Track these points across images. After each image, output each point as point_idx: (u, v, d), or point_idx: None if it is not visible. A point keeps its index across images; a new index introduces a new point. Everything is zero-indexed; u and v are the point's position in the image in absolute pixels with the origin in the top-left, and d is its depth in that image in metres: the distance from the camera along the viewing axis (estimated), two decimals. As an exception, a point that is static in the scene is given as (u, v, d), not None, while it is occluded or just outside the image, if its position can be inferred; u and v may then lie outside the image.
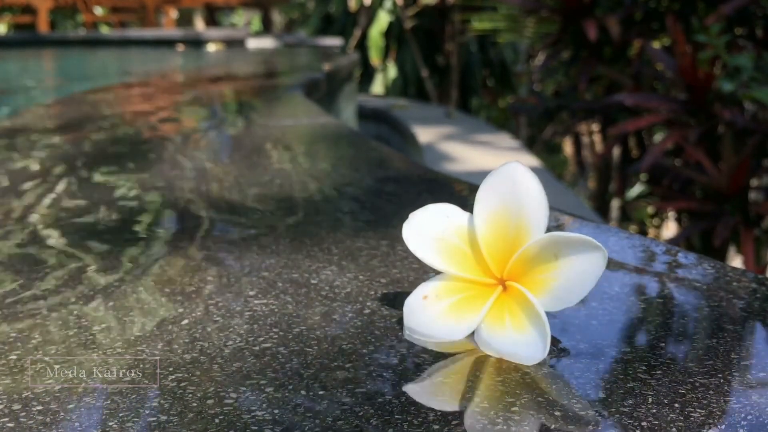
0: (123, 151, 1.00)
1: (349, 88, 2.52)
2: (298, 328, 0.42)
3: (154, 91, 1.79)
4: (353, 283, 0.48)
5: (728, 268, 0.51)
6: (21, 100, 1.88)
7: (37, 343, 0.40)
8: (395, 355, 0.38)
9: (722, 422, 0.32)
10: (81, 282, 0.50)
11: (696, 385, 0.35)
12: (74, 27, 6.42)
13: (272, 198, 0.71)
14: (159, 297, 0.47)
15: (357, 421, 0.32)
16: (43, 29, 5.22)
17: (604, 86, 2.55)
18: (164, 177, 0.81)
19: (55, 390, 0.36)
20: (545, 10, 2.50)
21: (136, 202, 0.72)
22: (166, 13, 5.93)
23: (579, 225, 0.62)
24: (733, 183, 1.77)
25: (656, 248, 0.57)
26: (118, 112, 1.40)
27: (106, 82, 2.00)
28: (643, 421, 0.32)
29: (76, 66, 3.08)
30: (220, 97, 1.65)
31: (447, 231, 0.42)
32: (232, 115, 1.39)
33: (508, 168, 0.41)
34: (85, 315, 0.44)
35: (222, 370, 0.37)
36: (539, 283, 0.39)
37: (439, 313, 0.40)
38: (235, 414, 0.33)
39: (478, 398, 0.35)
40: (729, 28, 2.08)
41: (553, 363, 0.37)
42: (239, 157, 0.92)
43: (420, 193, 0.73)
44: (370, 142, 1.06)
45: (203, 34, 4.23)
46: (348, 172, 0.84)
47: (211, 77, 2.18)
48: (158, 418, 0.33)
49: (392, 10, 4.71)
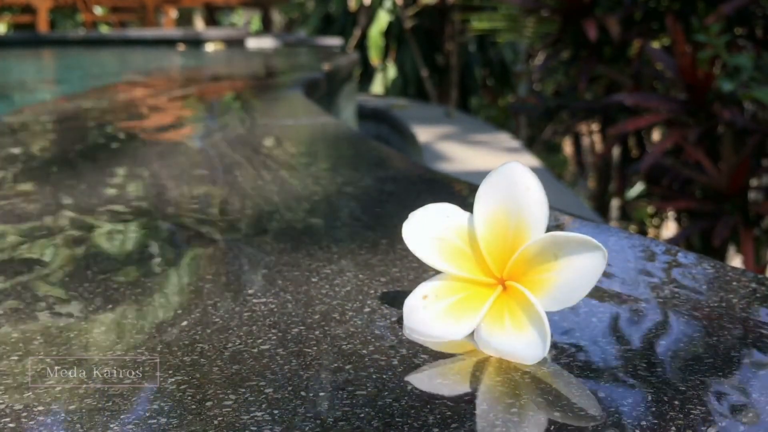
0: (120, 149, 1.00)
1: (348, 87, 2.52)
2: (297, 328, 0.42)
3: (153, 90, 1.79)
4: (353, 282, 0.48)
5: (728, 267, 0.51)
6: (27, 98, 1.89)
7: (38, 344, 0.40)
8: (395, 355, 0.38)
9: (722, 420, 0.32)
10: (81, 284, 0.50)
11: (696, 384, 0.35)
12: (74, 26, 6.42)
13: (271, 197, 0.71)
14: (158, 298, 0.47)
15: (358, 422, 0.32)
16: (43, 29, 5.22)
17: (604, 86, 2.55)
18: (162, 177, 0.81)
19: (56, 391, 0.36)
20: (545, 9, 2.50)
21: (134, 202, 0.72)
22: (166, 13, 5.93)
23: (579, 225, 0.62)
24: (732, 183, 1.77)
25: (656, 248, 0.57)
26: (117, 110, 1.40)
27: (105, 81, 1.99)
28: (642, 419, 0.32)
29: (74, 65, 3.08)
30: (219, 96, 1.65)
31: (447, 230, 0.42)
32: (232, 114, 1.39)
33: (508, 168, 0.41)
34: (86, 317, 0.44)
35: (221, 372, 0.37)
36: (539, 282, 0.39)
37: (439, 313, 0.40)
38: (234, 415, 0.33)
39: (477, 398, 0.35)
40: (729, 28, 2.09)
41: (553, 362, 0.37)
42: (239, 156, 0.92)
43: (419, 193, 0.73)
44: (369, 141, 1.06)
45: (203, 33, 4.23)
46: (348, 171, 0.84)
47: (210, 77, 2.18)
48: (158, 420, 0.33)
49: (392, 10, 4.71)
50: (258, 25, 7.11)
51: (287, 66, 2.63)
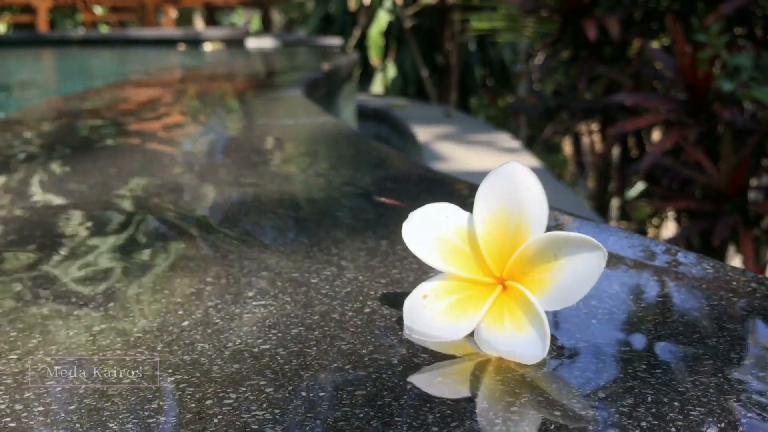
0: (115, 148, 1.00)
1: (348, 87, 2.52)
2: (296, 329, 0.42)
3: (152, 90, 1.79)
4: (353, 283, 0.48)
5: (728, 267, 0.51)
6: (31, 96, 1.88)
7: (37, 344, 0.40)
8: (395, 355, 0.38)
9: (722, 421, 0.32)
10: (81, 283, 0.50)
11: (696, 384, 0.35)
12: (74, 26, 6.42)
13: (271, 197, 0.71)
14: (159, 298, 0.47)
15: (357, 422, 0.32)
16: (43, 29, 5.22)
17: (604, 86, 2.55)
18: (162, 176, 0.81)
19: (56, 391, 0.36)
20: (545, 9, 2.50)
21: (135, 202, 0.72)
22: (166, 13, 5.92)
23: (579, 224, 0.62)
24: (732, 183, 1.77)
25: (656, 248, 0.57)
26: (115, 109, 1.40)
27: (104, 81, 1.99)
28: (642, 420, 0.32)
29: (73, 65, 3.08)
30: (219, 96, 1.65)
31: (447, 230, 0.42)
32: (231, 114, 1.39)
33: (508, 167, 0.41)
34: (85, 316, 0.44)
35: (221, 372, 0.37)
36: (539, 282, 0.39)
37: (439, 313, 0.40)
38: (234, 414, 0.33)
39: (477, 398, 0.35)
40: (728, 28, 2.09)
41: (552, 362, 0.37)
42: (238, 156, 0.92)
43: (419, 193, 0.73)
44: (369, 141, 1.06)
45: (203, 33, 4.23)
46: (348, 171, 0.84)
47: (209, 76, 2.18)
48: (157, 419, 0.33)
49: (392, 10, 4.71)
50: (258, 25, 7.11)
51: (287, 66, 2.63)
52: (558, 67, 2.68)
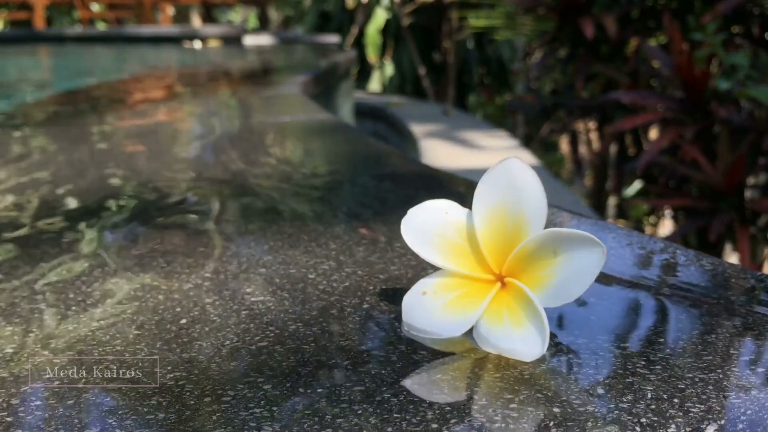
0: (114, 144, 1.00)
1: (346, 85, 2.52)
2: (294, 325, 0.42)
3: (151, 87, 1.78)
4: (351, 279, 0.48)
5: (726, 264, 0.51)
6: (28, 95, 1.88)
7: (35, 339, 0.40)
8: (393, 351, 0.38)
9: (721, 417, 0.32)
10: (80, 279, 0.49)
11: (695, 381, 0.35)
12: (70, 23, 6.40)
13: (269, 194, 0.71)
14: (157, 295, 0.47)
15: (356, 419, 0.32)
16: (39, 26, 5.20)
17: (601, 84, 2.55)
18: (160, 173, 0.81)
19: (54, 387, 0.35)
20: (542, 7, 2.50)
21: (134, 198, 0.71)
22: (163, 10, 5.91)
23: (577, 222, 0.62)
24: (729, 181, 1.77)
25: (654, 245, 0.57)
26: (114, 106, 1.40)
27: (103, 78, 1.99)
28: (642, 416, 0.32)
29: (72, 63, 3.07)
30: (215, 93, 1.65)
31: (445, 227, 0.42)
32: (229, 111, 1.39)
33: (507, 164, 0.40)
34: (84, 312, 0.44)
35: (219, 369, 0.37)
36: (538, 279, 0.39)
37: (438, 310, 0.40)
38: (232, 411, 0.33)
39: (476, 395, 0.35)
40: (725, 27, 2.09)
41: (551, 359, 0.37)
42: (236, 153, 0.92)
43: (417, 190, 0.73)
44: (367, 138, 1.06)
45: (200, 30, 4.22)
46: (345, 168, 0.84)
47: (207, 74, 2.18)
48: (156, 416, 0.33)
49: (389, 8, 4.70)
50: (255, 22, 7.10)
51: (284, 63, 2.63)
52: (555, 65, 2.68)
